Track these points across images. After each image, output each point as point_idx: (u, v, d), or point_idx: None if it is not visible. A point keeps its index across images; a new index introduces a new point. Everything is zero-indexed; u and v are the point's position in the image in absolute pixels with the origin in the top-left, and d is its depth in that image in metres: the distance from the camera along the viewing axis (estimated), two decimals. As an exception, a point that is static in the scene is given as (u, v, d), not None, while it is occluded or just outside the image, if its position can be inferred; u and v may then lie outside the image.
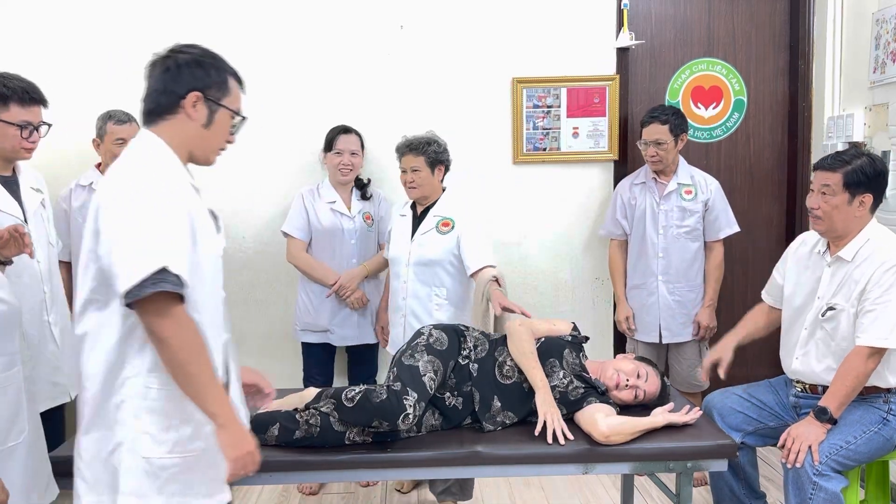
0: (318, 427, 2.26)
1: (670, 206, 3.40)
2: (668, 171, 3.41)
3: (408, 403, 2.20)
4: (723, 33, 3.89)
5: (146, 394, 1.69)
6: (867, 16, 3.37)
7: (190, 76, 1.77)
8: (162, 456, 1.70)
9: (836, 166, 2.44)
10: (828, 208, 2.45)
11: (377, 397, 2.21)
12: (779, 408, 2.68)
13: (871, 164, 2.43)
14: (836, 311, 2.47)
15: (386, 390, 2.23)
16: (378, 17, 3.71)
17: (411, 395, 2.22)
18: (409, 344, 2.39)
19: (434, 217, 3.07)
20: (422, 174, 3.05)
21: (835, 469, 2.31)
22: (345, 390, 2.28)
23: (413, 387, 2.24)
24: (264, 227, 3.76)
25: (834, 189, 2.44)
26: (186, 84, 1.76)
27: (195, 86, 1.77)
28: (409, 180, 3.07)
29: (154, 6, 3.65)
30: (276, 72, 3.71)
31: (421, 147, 3.05)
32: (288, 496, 3.42)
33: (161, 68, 1.78)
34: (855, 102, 3.48)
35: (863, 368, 2.36)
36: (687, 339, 3.45)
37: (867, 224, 2.48)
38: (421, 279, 3.04)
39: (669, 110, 3.36)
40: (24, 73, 2.74)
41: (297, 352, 3.65)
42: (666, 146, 3.32)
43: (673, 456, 2.28)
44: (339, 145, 3.43)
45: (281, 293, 3.80)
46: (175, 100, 1.76)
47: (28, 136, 2.47)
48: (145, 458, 1.68)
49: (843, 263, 2.48)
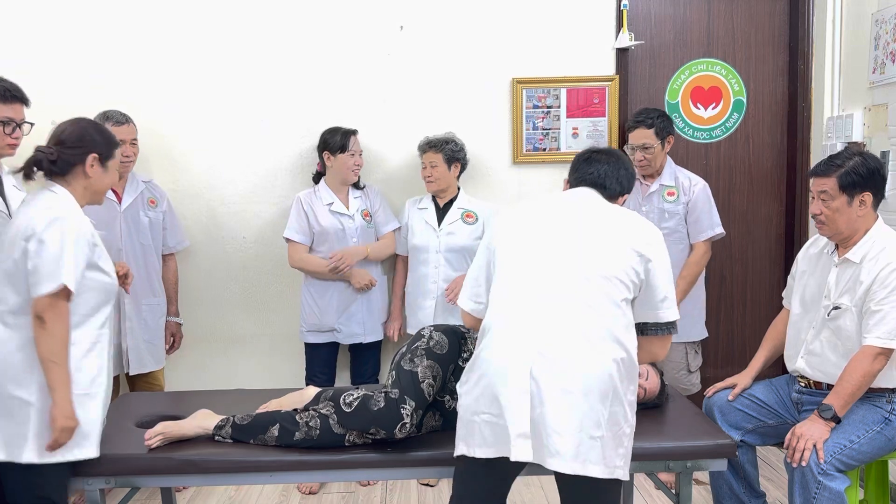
0: (317, 430, 2.27)
1: (651, 207, 3.42)
2: (654, 174, 3.43)
3: (405, 412, 2.20)
4: (722, 33, 3.90)
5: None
6: (867, 16, 3.37)
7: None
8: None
9: (830, 171, 2.46)
10: (829, 213, 2.46)
11: (375, 405, 2.22)
12: (779, 407, 2.68)
13: (863, 164, 2.44)
14: (842, 310, 2.48)
15: (384, 398, 2.23)
16: (378, 17, 3.72)
17: (409, 403, 2.22)
18: (410, 347, 2.38)
19: (458, 209, 3.49)
20: (439, 169, 3.45)
21: (838, 468, 2.32)
22: (343, 394, 2.29)
23: (411, 394, 2.23)
24: (264, 227, 3.76)
25: (831, 193, 2.45)
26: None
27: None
28: (427, 175, 3.47)
29: (154, 6, 3.65)
30: (276, 72, 3.71)
31: (440, 145, 3.45)
32: (288, 496, 3.42)
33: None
34: (854, 103, 3.49)
35: (869, 368, 2.36)
36: (674, 341, 3.44)
37: (873, 223, 2.49)
38: (451, 264, 3.43)
39: (654, 113, 3.36)
40: (21, 74, 2.79)
41: (298, 351, 3.65)
42: (653, 150, 3.33)
43: (673, 456, 2.28)
44: (353, 147, 3.47)
45: (281, 293, 3.80)
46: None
47: (10, 132, 2.53)
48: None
49: (851, 264, 2.49)
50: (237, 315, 3.83)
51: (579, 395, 1.87)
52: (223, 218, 3.76)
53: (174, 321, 3.56)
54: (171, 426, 2.33)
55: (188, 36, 3.68)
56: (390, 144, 3.76)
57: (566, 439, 1.85)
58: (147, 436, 2.30)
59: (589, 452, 1.86)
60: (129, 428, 2.48)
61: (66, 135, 2.27)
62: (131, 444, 2.32)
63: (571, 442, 1.85)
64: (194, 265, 3.75)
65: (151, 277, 3.40)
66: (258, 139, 3.74)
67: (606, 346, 1.91)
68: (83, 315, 2.21)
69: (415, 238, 3.52)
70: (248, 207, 3.76)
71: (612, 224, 2.03)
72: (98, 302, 2.25)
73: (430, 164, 3.45)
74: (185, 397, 2.80)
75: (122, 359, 3.32)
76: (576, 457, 1.86)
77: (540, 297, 1.96)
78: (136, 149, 3.33)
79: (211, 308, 3.80)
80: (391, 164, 3.77)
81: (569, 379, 1.88)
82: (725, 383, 2.78)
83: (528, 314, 1.95)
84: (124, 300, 3.29)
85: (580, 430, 1.86)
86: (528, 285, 1.98)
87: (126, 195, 3.33)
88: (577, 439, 1.86)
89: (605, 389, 1.89)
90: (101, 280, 2.24)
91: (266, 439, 2.31)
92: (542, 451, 1.87)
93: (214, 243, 3.77)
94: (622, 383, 1.92)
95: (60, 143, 2.26)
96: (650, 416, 2.50)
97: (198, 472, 2.29)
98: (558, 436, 1.86)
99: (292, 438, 2.29)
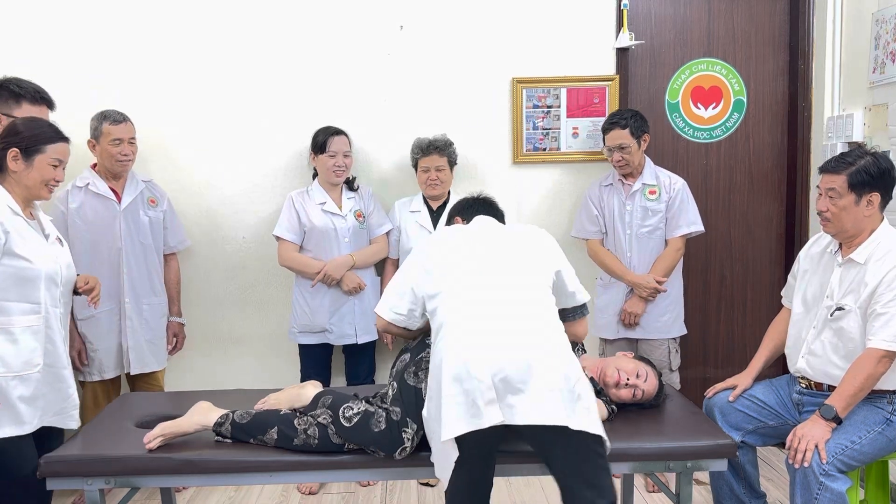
0: (315, 439, 2.27)
1: (634, 206, 3.43)
2: (634, 173, 3.44)
3: (406, 437, 2.19)
4: (722, 33, 3.89)
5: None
6: (867, 16, 3.36)
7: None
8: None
9: (841, 168, 2.44)
10: (836, 210, 2.45)
11: (376, 425, 2.21)
12: (779, 407, 2.68)
13: (874, 163, 2.43)
14: (845, 311, 2.48)
15: (385, 418, 2.21)
16: (378, 17, 3.71)
17: (410, 426, 2.20)
18: (414, 357, 2.33)
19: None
20: (445, 172, 3.45)
21: (840, 469, 2.31)
22: (342, 407, 2.27)
23: (413, 415, 2.20)
24: (263, 227, 3.76)
25: (839, 191, 2.44)
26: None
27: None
28: (432, 178, 3.43)
29: (153, 6, 3.65)
30: (276, 72, 3.70)
31: (444, 147, 3.45)
32: (288, 496, 3.42)
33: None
34: (854, 102, 3.48)
35: (873, 371, 2.36)
36: (655, 337, 3.47)
37: (879, 224, 2.48)
38: None
39: (628, 114, 3.39)
40: (21, 74, 2.86)
41: (295, 352, 3.65)
42: (630, 149, 3.35)
43: (673, 456, 2.28)
44: (333, 147, 3.44)
45: (279, 293, 3.79)
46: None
47: None
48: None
49: (855, 265, 2.48)
50: (236, 315, 3.83)
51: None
52: (223, 218, 3.75)
53: (176, 321, 3.56)
54: (169, 426, 2.32)
55: (188, 36, 3.68)
56: (390, 144, 3.75)
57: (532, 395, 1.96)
58: (146, 439, 2.29)
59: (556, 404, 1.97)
60: (129, 428, 2.48)
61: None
62: (131, 444, 2.31)
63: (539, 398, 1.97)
64: (193, 265, 3.75)
65: (152, 277, 3.40)
66: (258, 139, 3.73)
67: (557, 336, 2.10)
68: (5, 300, 2.34)
69: (410, 242, 3.49)
70: (248, 207, 3.76)
71: (523, 239, 2.33)
72: (23, 288, 2.37)
73: (435, 168, 3.43)
74: (184, 397, 2.79)
75: (122, 358, 3.33)
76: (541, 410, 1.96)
77: (490, 304, 2.11)
78: (134, 147, 3.33)
79: (210, 308, 3.80)
80: (391, 163, 3.77)
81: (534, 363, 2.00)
82: (726, 384, 2.78)
83: (485, 320, 2.08)
84: (125, 300, 3.30)
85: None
86: (477, 295, 2.13)
87: (125, 194, 3.33)
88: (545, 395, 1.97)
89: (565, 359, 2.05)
90: (17, 266, 2.35)
91: (265, 440, 2.30)
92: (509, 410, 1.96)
93: (214, 243, 3.77)
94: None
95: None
96: (650, 416, 2.50)
97: (198, 472, 2.29)
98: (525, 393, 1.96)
99: (291, 443, 2.28)
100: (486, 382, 1.95)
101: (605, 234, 3.52)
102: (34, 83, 2.86)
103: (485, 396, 1.94)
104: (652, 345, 3.47)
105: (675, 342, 3.52)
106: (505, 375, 1.95)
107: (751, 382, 2.75)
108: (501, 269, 2.20)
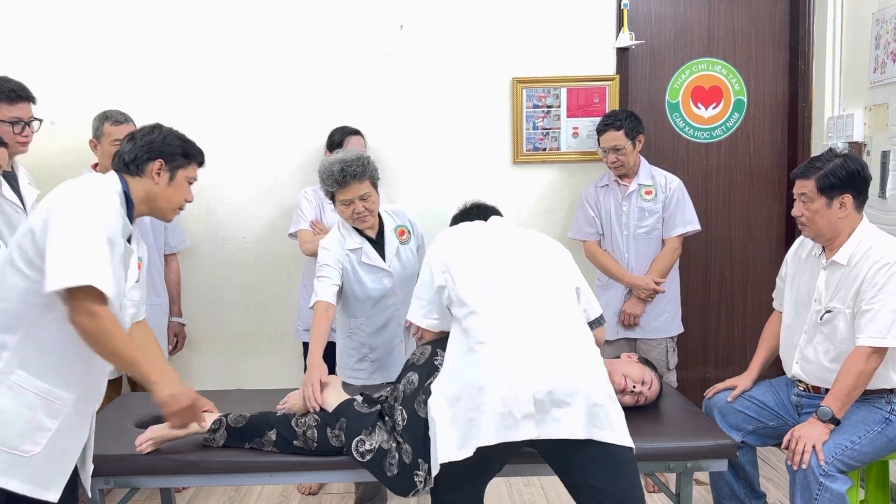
0: (315, 442, 2.25)
1: (631, 206, 3.43)
2: (630, 174, 3.44)
3: (418, 480, 2.14)
4: (723, 33, 3.89)
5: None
6: (867, 16, 3.36)
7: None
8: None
9: (810, 173, 2.47)
10: (809, 214, 2.47)
11: (389, 469, 2.15)
12: (779, 408, 2.68)
13: (843, 166, 2.44)
14: (833, 313, 2.48)
15: (398, 462, 2.15)
16: (378, 17, 3.72)
17: (422, 467, 2.13)
18: (422, 385, 2.20)
19: (390, 233, 2.84)
20: (372, 198, 2.68)
21: (840, 470, 2.31)
22: (355, 439, 2.19)
23: (423, 453, 2.12)
24: (265, 227, 3.76)
25: (810, 196, 2.46)
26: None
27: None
28: (358, 211, 2.66)
29: (155, 7, 3.66)
30: (276, 72, 3.71)
31: (362, 171, 2.63)
32: (288, 496, 3.42)
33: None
34: (855, 102, 3.48)
35: (864, 368, 2.36)
36: (654, 337, 3.47)
37: (858, 224, 2.49)
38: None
39: (622, 115, 3.38)
40: (22, 74, 2.84)
41: (296, 352, 3.65)
42: (624, 150, 3.35)
43: (673, 456, 2.28)
44: (351, 146, 3.43)
45: (280, 294, 3.80)
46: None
47: (20, 131, 2.62)
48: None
49: (839, 267, 2.48)
50: (237, 315, 3.83)
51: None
52: (223, 218, 3.76)
53: (177, 321, 3.56)
54: (160, 429, 2.25)
55: (188, 36, 3.68)
56: (390, 144, 3.75)
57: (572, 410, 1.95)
58: (137, 442, 2.25)
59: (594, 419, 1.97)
60: (128, 428, 2.48)
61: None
62: (131, 445, 2.30)
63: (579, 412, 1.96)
64: (194, 265, 3.75)
65: (153, 277, 3.40)
66: (258, 139, 3.74)
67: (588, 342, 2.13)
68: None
69: (366, 288, 2.94)
70: (248, 207, 3.76)
71: (546, 250, 2.33)
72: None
73: (359, 198, 2.65)
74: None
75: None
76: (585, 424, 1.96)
77: (525, 315, 2.08)
78: (135, 148, 3.32)
79: (211, 308, 3.80)
80: (391, 164, 3.77)
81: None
82: (725, 384, 2.78)
83: (522, 335, 2.04)
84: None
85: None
86: (504, 303, 2.11)
87: (126, 195, 3.33)
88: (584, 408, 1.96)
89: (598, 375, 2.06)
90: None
91: (262, 443, 2.28)
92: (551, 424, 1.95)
93: (214, 243, 3.77)
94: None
95: None
96: (650, 417, 2.49)
97: (197, 472, 2.28)
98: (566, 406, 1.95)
99: (291, 446, 2.27)
100: (527, 396, 1.93)
101: (602, 235, 3.53)
102: (10, 80, 2.66)
103: (523, 410, 1.93)
104: (650, 344, 3.47)
105: (673, 341, 3.52)
106: (549, 389, 1.94)
107: (750, 384, 2.75)
108: (531, 279, 2.19)
